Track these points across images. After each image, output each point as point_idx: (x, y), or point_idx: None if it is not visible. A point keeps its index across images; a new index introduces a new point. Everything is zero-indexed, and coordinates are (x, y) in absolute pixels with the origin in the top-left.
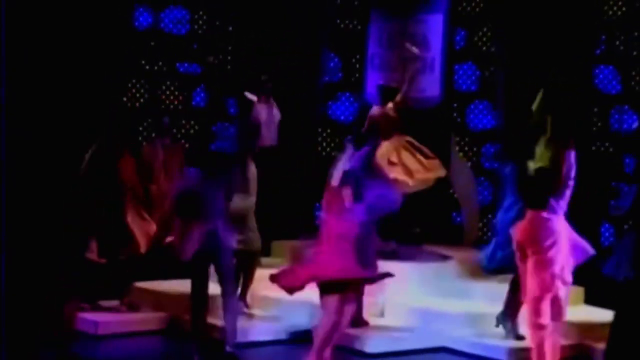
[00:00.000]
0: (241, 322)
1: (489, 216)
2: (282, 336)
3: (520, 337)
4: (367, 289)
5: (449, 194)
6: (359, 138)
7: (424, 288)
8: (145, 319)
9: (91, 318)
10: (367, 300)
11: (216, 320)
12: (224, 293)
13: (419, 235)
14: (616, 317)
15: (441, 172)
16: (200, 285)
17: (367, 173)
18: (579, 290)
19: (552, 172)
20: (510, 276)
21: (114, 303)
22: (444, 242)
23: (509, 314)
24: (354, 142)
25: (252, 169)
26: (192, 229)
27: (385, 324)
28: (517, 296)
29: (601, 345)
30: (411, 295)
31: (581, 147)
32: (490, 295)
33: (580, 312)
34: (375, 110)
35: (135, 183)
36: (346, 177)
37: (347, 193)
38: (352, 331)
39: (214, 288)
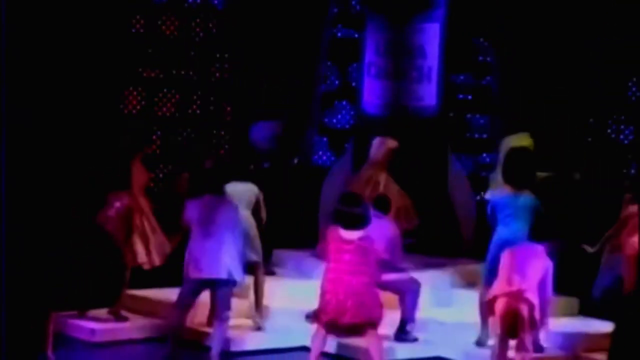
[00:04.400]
0: (236, 332)
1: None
2: (277, 345)
3: (480, 344)
4: None
5: (446, 205)
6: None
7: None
8: (142, 327)
9: (88, 325)
10: None
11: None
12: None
13: (414, 246)
14: (616, 328)
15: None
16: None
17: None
18: (574, 302)
19: None
20: None
21: (104, 312)
22: (440, 252)
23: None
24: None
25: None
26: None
27: (380, 333)
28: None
29: (597, 356)
30: None
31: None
32: None
33: (576, 323)
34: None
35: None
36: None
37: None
38: (348, 341)
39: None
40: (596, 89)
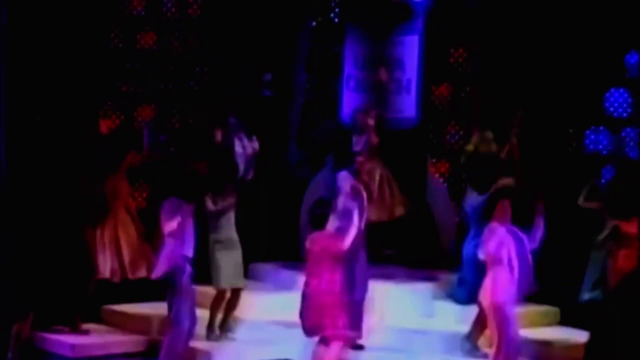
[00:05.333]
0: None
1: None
2: (258, 358)
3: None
4: None
5: (426, 216)
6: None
7: (401, 308)
8: (123, 342)
9: (68, 340)
10: None
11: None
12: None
13: (392, 257)
14: (591, 337)
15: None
16: None
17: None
18: (555, 311)
19: None
20: None
21: (92, 326)
22: (420, 264)
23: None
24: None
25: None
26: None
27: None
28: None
29: None
30: (389, 315)
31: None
32: (467, 316)
33: (556, 333)
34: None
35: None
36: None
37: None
38: None
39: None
40: (574, 99)
